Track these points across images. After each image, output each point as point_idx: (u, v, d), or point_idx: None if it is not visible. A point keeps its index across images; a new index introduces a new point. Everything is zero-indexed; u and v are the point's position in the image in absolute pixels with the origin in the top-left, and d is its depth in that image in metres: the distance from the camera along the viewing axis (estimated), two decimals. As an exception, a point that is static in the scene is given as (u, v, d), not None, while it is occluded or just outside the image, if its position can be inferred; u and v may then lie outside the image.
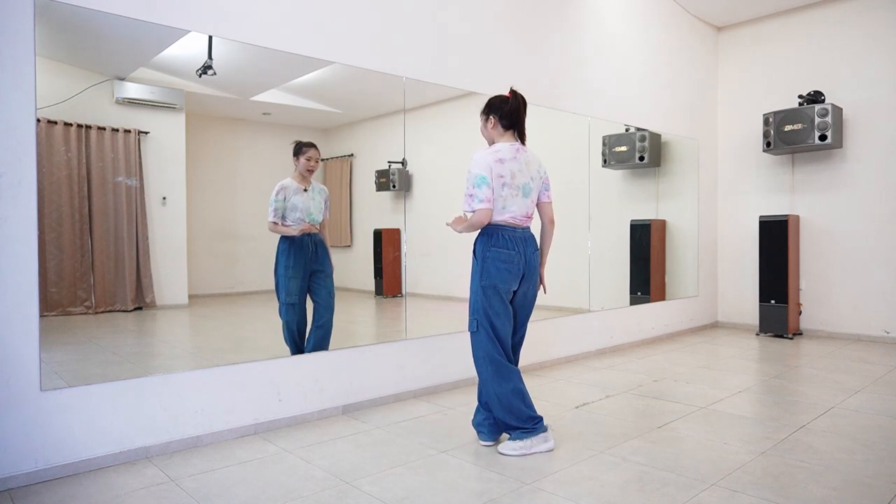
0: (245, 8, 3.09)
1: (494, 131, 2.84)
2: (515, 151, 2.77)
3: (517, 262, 2.73)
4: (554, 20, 4.79)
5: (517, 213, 2.74)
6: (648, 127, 5.74)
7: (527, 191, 2.77)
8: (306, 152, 3.48)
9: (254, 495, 2.30)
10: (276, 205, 3.42)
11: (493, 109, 2.82)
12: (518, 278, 2.76)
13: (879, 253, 5.56)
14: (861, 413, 3.33)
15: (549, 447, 2.76)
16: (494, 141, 2.84)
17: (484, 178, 2.67)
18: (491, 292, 2.74)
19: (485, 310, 2.75)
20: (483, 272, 2.75)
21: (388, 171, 4.28)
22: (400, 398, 3.65)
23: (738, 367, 4.55)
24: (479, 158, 2.72)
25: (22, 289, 2.42)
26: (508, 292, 2.77)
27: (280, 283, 3.43)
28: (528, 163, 2.80)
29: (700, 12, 6.30)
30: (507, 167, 2.72)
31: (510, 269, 2.73)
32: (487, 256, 2.73)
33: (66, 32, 2.77)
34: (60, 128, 2.94)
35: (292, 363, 3.24)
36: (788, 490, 2.32)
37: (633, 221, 5.92)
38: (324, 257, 3.57)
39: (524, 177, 2.76)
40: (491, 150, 2.76)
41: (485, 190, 2.67)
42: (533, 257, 2.81)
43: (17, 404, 2.39)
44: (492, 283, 2.73)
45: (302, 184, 3.46)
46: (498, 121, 2.81)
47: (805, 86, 5.94)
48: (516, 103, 2.79)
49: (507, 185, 2.71)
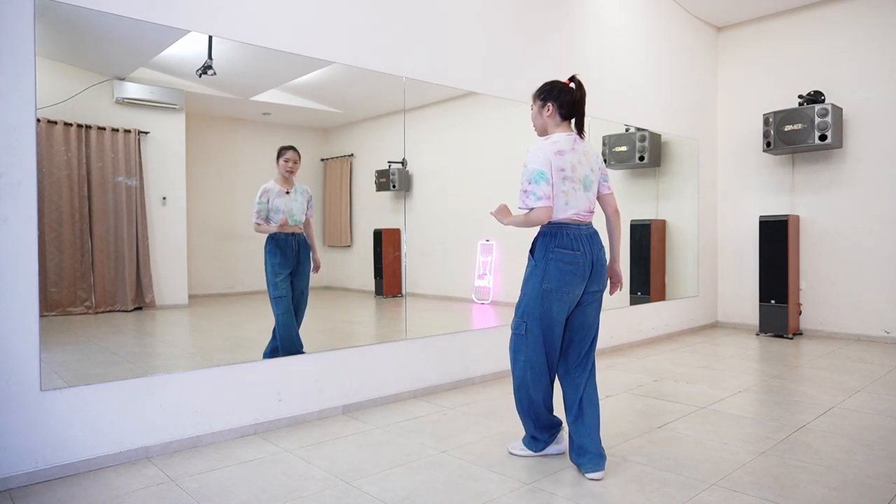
0: (245, 8, 3.09)
1: (551, 120, 2.59)
2: (574, 142, 2.54)
3: (583, 262, 2.50)
4: (554, 20, 4.79)
5: (581, 208, 2.52)
6: (648, 127, 5.74)
7: (588, 184, 2.55)
8: (284, 154, 3.58)
9: (254, 495, 2.30)
10: (258, 207, 3.52)
11: (552, 96, 2.57)
12: (584, 280, 2.52)
13: (879, 253, 5.56)
14: (861, 413, 3.33)
15: (558, 450, 2.72)
16: (547, 130, 2.62)
17: (542, 174, 2.43)
18: (552, 297, 2.49)
19: (539, 315, 2.52)
20: (545, 275, 2.50)
21: (388, 171, 4.29)
22: (400, 398, 3.65)
23: (738, 367, 4.55)
24: (537, 151, 2.48)
25: (22, 289, 2.42)
26: (573, 296, 2.52)
27: (269, 279, 3.54)
28: (586, 153, 2.58)
29: (700, 12, 6.30)
30: (567, 159, 2.49)
31: (575, 272, 2.49)
32: (550, 258, 2.49)
33: (66, 32, 2.77)
34: (60, 128, 2.94)
35: (292, 363, 3.24)
36: (788, 490, 2.32)
37: (633, 221, 5.92)
38: (304, 257, 3.67)
39: (584, 168, 2.54)
40: (549, 141, 2.52)
41: (543, 186, 2.42)
42: (600, 254, 2.58)
43: (17, 404, 2.39)
44: (554, 286, 2.48)
45: (284, 186, 3.55)
46: (556, 109, 2.57)
47: (805, 86, 5.94)
48: (580, 93, 2.56)
49: (569, 179, 2.49)
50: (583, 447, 2.50)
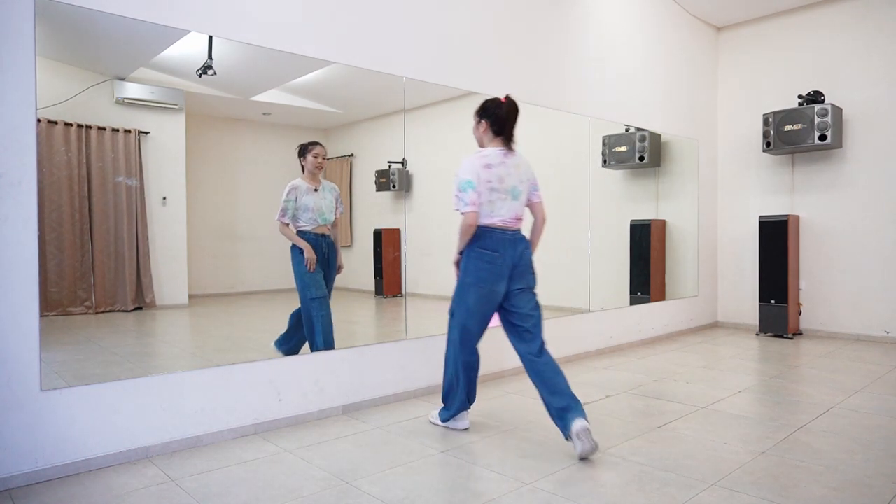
0: (245, 8, 3.09)
1: (485, 135, 2.93)
2: (503, 156, 2.85)
3: (500, 263, 2.82)
4: (554, 20, 4.79)
5: (506, 215, 2.84)
6: (648, 127, 5.74)
7: (515, 194, 2.86)
8: (312, 149, 3.48)
9: (254, 495, 2.30)
10: (286, 205, 3.41)
11: (485, 114, 2.91)
12: (503, 279, 2.84)
13: (879, 253, 5.56)
14: (861, 413, 3.33)
15: (463, 426, 3.06)
16: (483, 143, 2.94)
17: (470, 183, 2.77)
18: (469, 289, 2.88)
19: (459, 302, 2.94)
20: (466, 270, 2.89)
21: (388, 171, 4.29)
22: (400, 398, 3.65)
23: (738, 367, 4.55)
24: (467, 164, 2.82)
25: (22, 289, 2.42)
26: (493, 292, 2.86)
27: (305, 281, 3.44)
28: (517, 166, 2.88)
29: (700, 12, 6.30)
30: (494, 172, 2.81)
31: (492, 270, 2.82)
32: (472, 255, 2.85)
33: (66, 32, 2.77)
34: (60, 128, 2.94)
35: (292, 363, 3.24)
36: (788, 490, 2.32)
37: (633, 221, 5.92)
38: (333, 260, 3.61)
39: (513, 180, 2.85)
40: (479, 154, 2.86)
41: (471, 194, 2.77)
42: (524, 255, 2.89)
43: (17, 404, 2.39)
44: (472, 280, 2.85)
45: (312, 183, 3.46)
46: (489, 126, 2.90)
47: (805, 86, 5.94)
48: (508, 110, 2.86)
49: (495, 190, 2.81)
50: (560, 408, 2.72)
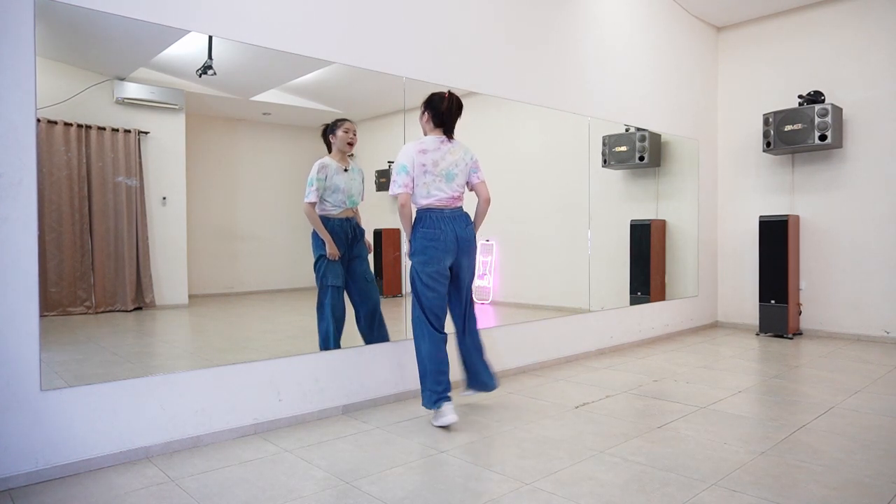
0: (245, 8, 3.09)
1: (428, 125, 3.20)
2: (440, 143, 3.14)
3: (444, 239, 3.08)
4: (554, 20, 4.79)
5: (441, 196, 3.11)
6: (648, 127, 5.74)
7: (450, 176, 3.13)
8: (342, 125, 3.36)
9: (254, 495, 2.30)
10: (317, 184, 3.29)
11: (429, 106, 3.17)
12: (450, 254, 3.11)
13: (879, 253, 5.56)
14: (861, 413, 3.33)
15: (445, 422, 3.05)
16: (426, 132, 3.22)
17: (405, 167, 3.06)
18: (419, 267, 3.12)
19: (414, 281, 3.16)
20: (414, 251, 3.13)
21: (388, 171, 4.28)
22: (400, 398, 3.65)
23: (738, 367, 4.55)
24: (404, 150, 3.11)
25: (22, 289, 2.42)
26: (442, 268, 3.12)
27: (325, 266, 3.37)
28: (452, 151, 3.15)
29: (700, 12, 6.30)
30: (428, 157, 3.09)
31: (437, 247, 3.08)
32: (417, 237, 3.11)
33: (66, 32, 2.77)
34: (60, 128, 2.94)
35: (292, 363, 3.24)
36: (788, 490, 2.32)
37: (633, 221, 5.92)
38: (360, 243, 3.51)
39: (446, 164, 3.12)
40: (417, 142, 3.14)
41: (404, 177, 3.05)
42: (465, 231, 3.14)
43: (17, 404, 2.39)
44: (421, 259, 3.10)
45: (342, 163, 3.36)
46: (431, 117, 3.17)
47: (805, 86, 5.94)
48: (449, 106, 3.14)
49: (429, 173, 3.08)
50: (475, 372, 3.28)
